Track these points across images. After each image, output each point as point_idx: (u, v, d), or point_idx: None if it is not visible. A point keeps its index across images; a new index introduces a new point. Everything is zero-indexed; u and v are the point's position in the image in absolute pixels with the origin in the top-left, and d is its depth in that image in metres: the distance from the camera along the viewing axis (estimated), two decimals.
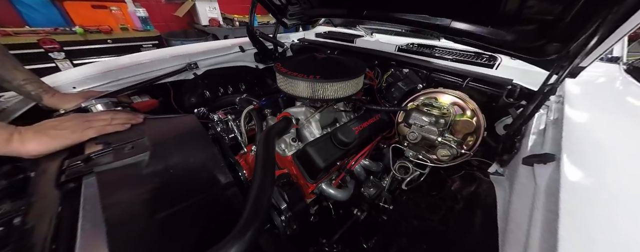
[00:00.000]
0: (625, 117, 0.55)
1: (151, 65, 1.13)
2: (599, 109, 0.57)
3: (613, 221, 0.32)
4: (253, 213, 0.42)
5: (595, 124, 0.52)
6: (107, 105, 0.74)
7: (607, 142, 0.46)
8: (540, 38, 0.57)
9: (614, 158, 0.42)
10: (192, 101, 1.27)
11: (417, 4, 0.78)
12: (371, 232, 0.77)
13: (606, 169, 0.40)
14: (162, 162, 0.52)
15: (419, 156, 0.76)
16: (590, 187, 0.36)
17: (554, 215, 0.32)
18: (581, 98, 0.62)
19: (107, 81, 1.02)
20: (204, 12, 2.95)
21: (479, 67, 0.92)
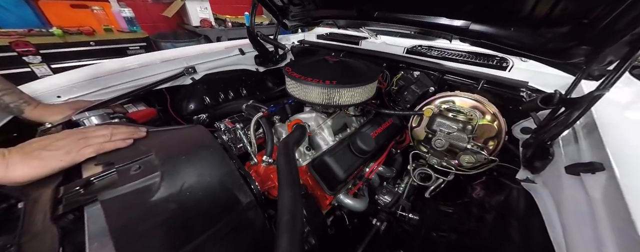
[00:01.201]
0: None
1: (145, 71, 1.04)
2: (625, 113, 0.56)
3: None
4: (290, 243, 0.37)
5: (629, 128, 0.50)
6: (102, 117, 0.65)
7: None
8: (569, 40, 0.56)
9: None
10: (191, 108, 1.18)
11: (433, 6, 0.75)
12: (397, 245, 0.74)
13: None
14: (176, 183, 0.45)
15: (443, 163, 0.74)
16: None
17: (630, 234, 0.29)
18: (604, 102, 0.60)
19: (96, 89, 0.92)
20: (195, 13, 2.83)
21: (491, 70, 0.92)
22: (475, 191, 0.77)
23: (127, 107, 0.93)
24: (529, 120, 0.78)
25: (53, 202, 0.40)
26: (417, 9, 0.80)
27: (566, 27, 0.54)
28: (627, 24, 0.46)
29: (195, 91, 1.21)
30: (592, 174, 0.43)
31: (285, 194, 0.47)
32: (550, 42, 0.59)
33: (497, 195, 0.65)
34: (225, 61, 1.31)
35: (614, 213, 0.35)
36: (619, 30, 0.48)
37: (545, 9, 0.54)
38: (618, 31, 0.48)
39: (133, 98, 0.96)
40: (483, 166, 0.69)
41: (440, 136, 0.66)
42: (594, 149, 0.48)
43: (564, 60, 0.62)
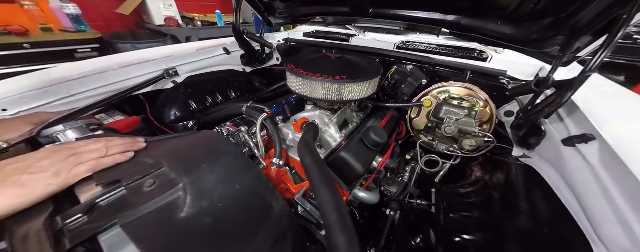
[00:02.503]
0: (615, 98, 0.66)
1: (118, 74, 0.90)
2: (592, 95, 0.66)
3: None
4: (348, 240, 0.36)
5: (599, 106, 0.60)
6: (81, 130, 0.54)
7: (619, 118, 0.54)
8: (549, 32, 0.64)
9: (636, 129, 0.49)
10: (175, 115, 1.06)
11: (428, 2, 0.80)
12: (414, 231, 0.77)
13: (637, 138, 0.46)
14: (204, 195, 0.40)
15: (450, 148, 0.79)
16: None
17: (634, 183, 0.35)
18: None
19: (55, 98, 0.77)
20: (157, 10, 2.54)
21: (473, 61, 1.01)
22: (475, 172, 0.84)
23: (100, 118, 0.79)
24: (512, 104, 0.88)
25: (52, 236, 0.31)
26: (412, 5, 0.84)
27: (547, 20, 0.62)
28: (595, 17, 0.55)
29: (178, 96, 1.09)
30: (586, 143, 0.51)
31: (324, 193, 0.45)
32: (534, 34, 0.68)
33: (498, 173, 0.72)
34: (209, 62, 1.21)
35: (615, 172, 0.42)
36: (588, 23, 0.57)
37: (530, 4, 0.61)
38: (587, 24, 0.57)
39: (106, 107, 0.82)
40: (482, 148, 0.76)
41: (449, 122, 0.71)
42: (579, 124, 0.57)
43: (543, 49, 0.71)
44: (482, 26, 0.77)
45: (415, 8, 0.84)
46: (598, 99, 0.63)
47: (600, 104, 0.61)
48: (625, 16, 0.46)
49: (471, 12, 0.75)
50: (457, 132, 0.73)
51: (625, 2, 0.47)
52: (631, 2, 0.45)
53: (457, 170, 0.94)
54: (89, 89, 0.82)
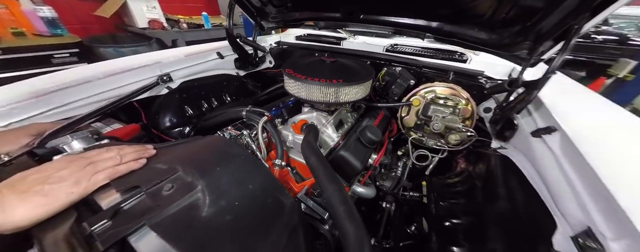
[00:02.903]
0: (573, 94, 0.76)
1: (111, 82, 0.89)
2: (556, 92, 0.76)
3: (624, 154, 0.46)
4: (357, 228, 0.41)
5: (561, 102, 0.70)
6: (86, 140, 0.55)
7: (576, 112, 0.64)
8: (518, 37, 0.73)
9: (590, 122, 0.58)
10: (171, 121, 1.06)
11: (414, 10, 0.87)
12: (409, 220, 0.84)
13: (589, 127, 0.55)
14: (221, 195, 0.43)
15: (438, 143, 0.87)
16: (593, 141, 0.50)
17: (585, 165, 0.44)
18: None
19: (48, 108, 0.75)
20: (140, 12, 2.46)
21: (455, 62, 1.10)
22: (459, 164, 0.93)
23: (97, 126, 0.79)
24: (489, 101, 0.98)
25: (83, 240, 0.34)
26: (399, 12, 0.91)
27: (516, 27, 0.71)
28: (553, 26, 0.65)
29: (173, 101, 1.09)
30: (550, 134, 0.59)
31: (331, 188, 0.50)
32: (505, 39, 0.76)
33: (480, 163, 0.81)
34: (203, 66, 1.21)
35: (569, 155, 0.50)
36: (549, 31, 0.66)
37: (502, 14, 0.70)
38: (548, 31, 0.66)
39: (102, 115, 0.81)
40: (465, 142, 0.84)
41: (436, 120, 0.78)
42: (544, 118, 0.66)
43: (513, 52, 0.80)
44: (462, 32, 0.85)
45: (402, 15, 0.91)
46: (558, 94, 0.73)
47: (560, 99, 0.71)
48: (576, 26, 0.55)
49: (452, 20, 0.83)
50: (444, 128, 0.81)
51: (576, 15, 0.56)
52: (580, 15, 0.54)
53: (443, 162, 1.02)
54: (82, 98, 0.81)
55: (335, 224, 0.44)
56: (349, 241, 0.40)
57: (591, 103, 0.74)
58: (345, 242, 0.41)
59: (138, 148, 0.52)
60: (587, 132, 0.53)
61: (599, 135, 0.53)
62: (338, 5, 0.99)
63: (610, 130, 0.58)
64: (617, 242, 0.35)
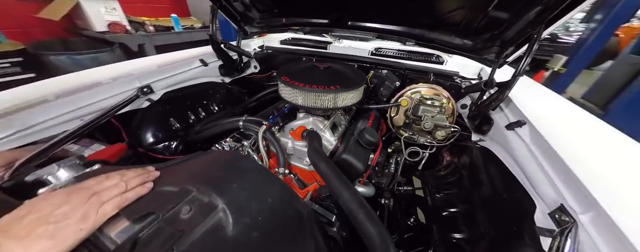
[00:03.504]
0: (531, 90, 0.89)
1: (82, 98, 0.80)
2: (519, 88, 0.88)
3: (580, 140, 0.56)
4: (378, 226, 0.44)
5: (526, 99, 0.81)
6: (75, 167, 0.49)
7: (537, 106, 0.76)
8: (488, 43, 0.84)
9: (550, 115, 0.69)
10: (156, 136, 0.98)
11: (398, 18, 0.94)
12: (408, 213, 0.90)
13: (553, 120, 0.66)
14: (244, 212, 0.43)
15: (428, 139, 0.95)
16: (555, 131, 0.60)
17: (551, 152, 0.53)
18: None
19: (8, 133, 0.65)
20: (97, 14, 2.20)
21: (433, 64, 1.21)
22: (446, 157, 1.02)
23: (76, 150, 0.70)
24: (465, 99, 1.10)
25: None
26: (385, 19, 0.97)
27: (486, 35, 0.81)
28: (516, 34, 0.76)
29: (156, 114, 1.02)
30: (520, 127, 0.70)
31: (346, 194, 0.52)
32: (477, 44, 0.87)
33: (464, 155, 0.91)
34: (186, 75, 1.15)
35: (538, 144, 0.60)
36: (512, 38, 0.77)
37: (474, 23, 0.79)
38: (512, 38, 0.77)
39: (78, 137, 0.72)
40: (450, 137, 0.94)
41: (427, 119, 0.86)
42: (514, 113, 0.76)
43: (483, 55, 0.92)
44: (441, 38, 0.94)
45: (388, 22, 0.97)
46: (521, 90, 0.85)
47: (523, 95, 0.83)
48: (535, 35, 0.65)
49: (432, 27, 0.91)
50: (433, 126, 0.89)
51: (535, 26, 0.66)
52: (538, 26, 0.64)
53: (431, 157, 1.12)
54: (51, 117, 0.72)
55: (358, 228, 0.47)
56: (374, 243, 0.43)
57: (546, 97, 0.89)
58: (370, 243, 0.44)
59: (140, 171, 0.48)
60: (549, 124, 0.64)
61: (558, 125, 0.64)
62: (326, 11, 1.02)
63: (565, 120, 0.70)
64: (585, 214, 0.43)
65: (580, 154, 0.52)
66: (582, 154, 0.52)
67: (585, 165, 0.48)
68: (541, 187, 0.55)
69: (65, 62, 1.91)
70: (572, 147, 0.54)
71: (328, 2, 0.94)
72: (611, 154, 0.55)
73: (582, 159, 0.50)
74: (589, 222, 0.42)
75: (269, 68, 1.62)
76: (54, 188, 0.43)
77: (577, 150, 0.53)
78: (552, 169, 0.54)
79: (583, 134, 0.63)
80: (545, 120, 0.65)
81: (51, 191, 0.40)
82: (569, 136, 0.59)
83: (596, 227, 0.41)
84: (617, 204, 0.40)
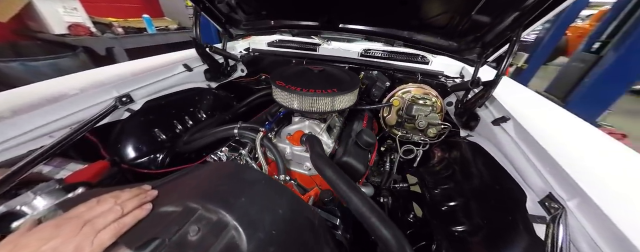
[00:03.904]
0: (508, 87, 0.97)
1: (51, 111, 0.71)
2: (499, 88, 0.95)
3: (560, 132, 0.62)
4: (391, 228, 0.44)
5: (506, 95, 0.88)
6: (54, 193, 0.43)
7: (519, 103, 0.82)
8: (471, 44, 0.90)
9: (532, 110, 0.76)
10: (140, 149, 0.90)
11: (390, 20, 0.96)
12: (406, 209, 0.93)
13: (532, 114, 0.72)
14: (257, 228, 0.41)
15: (422, 138, 0.98)
16: (536, 124, 0.66)
17: (536, 145, 0.58)
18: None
19: None
20: (55, 15, 1.96)
21: (419, 65, 1.27)
22: (437, 153, 1.08)
23: (48, 172, 0.62)
24: (450, 96, 1.16)
25: None
26: (375, 22, 0.99)
27: (470, 37, 0.87)
28: (496, 36, 0.82)
29: (138, 126, 0.94)
30: (505, 122, 0.75)
31: (356, 199, 0.53)
32: (462, 45, 0.92)
33: (454, 151, 0.96)
34: (169, 82, 1.07)
35: (524, 138, 0.66)
36: (492, 40, 0.83)
37: (458, 27, 0.84)
38: (492, 41, 0.83)
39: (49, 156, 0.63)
40: (441, 134, 0.99)
41: (421, 118, 0.89)
42: (498, 110, 0.83)
43: (466, 56, 0.98)
44: (428, 39, 0.99)
45: (377, 24, 0.99)
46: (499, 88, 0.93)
47: (503, 92, 0.90)
48: (514, 38, 0.71)
49: (420, 29, 0.95)
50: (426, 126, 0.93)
51: (513, 29, 0.72)
52: (516, 29, 0.70)
53: (423, 154, 1.17)
54: (14, 136, 0.62)
55: (372, 232, 0.47)
56: (390, 245, 0.43)
57: (521, 93, 0.97)
58: (386, 246, 0.44)
59: (136, 191, 0.44)
60: (530, 118, 0.70)
61: (538, 119, 0.71)
62: (316, 14, 1.01)
63: (542, 114, 0.77)
64: (571, 201, 0.48)
65: (561, 146, 0.57)
66: (562, 145, 0.58)
67: (567, 155, 0.54)
68: (530, 177, 0.60)
69: (18, 70, 1.68)
70: (554, 139, 0.60)
71: (319, 4, 0.94)
72: (586, 144, 0.61)
73: (563, 150, 0.55)
74: (576, 207, 0.47)
75: (256, 71, 1.57)
76: (34, 220, 0.38)
77: (558, 142, 0.59)
78: (538, 160, 0.60)
79: (560, 126, 0.70)
80: (526, 115, 0.71)
81: (33, 224, 0.35)
82: (548, 128, 0.65)
83: (582, 212, 0.46)
84: (599, 189, 0.45)
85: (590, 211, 0.44)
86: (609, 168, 0.52)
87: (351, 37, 1.28)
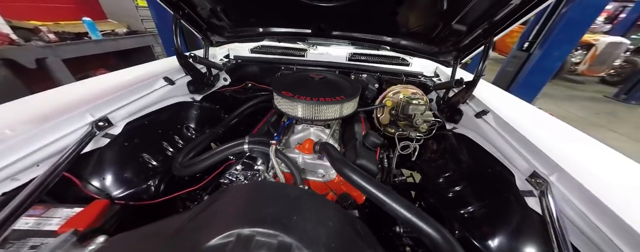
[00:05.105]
0: (486, 86, 1.14)
1: (15, 147, 0.56)
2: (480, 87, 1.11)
3: (530, 119, 0.77)
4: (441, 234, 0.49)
5: (484, 92, 1.03)
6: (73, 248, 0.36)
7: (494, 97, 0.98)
8: (450, 48, 1.03)
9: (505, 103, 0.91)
10: (127, 180, 0.79)
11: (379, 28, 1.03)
12: (411, 201, 1.02)
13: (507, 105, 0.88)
14: (317, 244, 0.41)
15: (418, 134, 1.08)
16: (510, 114, 0.80)
17: (516, 133, 0.71)
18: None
19: None
20: None
21: (402, 67, 1.39)
22: (430, 146, 1.20)
23: (31, 224, 0.49)
24: (432, 94, 1.31)
25: None
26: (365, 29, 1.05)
27: (450, 42, 0.99)
28: (470, 42, 0.96)
29: (122, 153, 0.81)
30: (485, 115, 0.89)
31: (389, 200, 0.56)
32: (441, 50, 1.05)
33: (444, 142, 1.09)
34: (150, 98, 0.95)
35: (503, 127, 0.79)
36: (468, 45, 0.97)
37: (440, 34, 0.96)
38: (467, 45, 0.97)
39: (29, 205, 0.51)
40: (432, 129, 1.11)
41: (418, 117, 0.98)
42: (477, 104, 0.97)
43: (443, 59, 1.11)
44: (412, 44, 1.09)
45: (368, 31, 1.05)
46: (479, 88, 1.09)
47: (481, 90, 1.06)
48: (487, 44, 0.84)
49: (406, 36, 1.05)
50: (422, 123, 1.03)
51: (486, 36, 0.86)
52: (489, 36, 0.83)
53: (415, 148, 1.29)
54: None
55: (414, 230, 0.52)
56: (437, 241, 0.48)
57: (489, 88, 1.15)
58: (432, 242, 0.49)
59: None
60: (504, 109, 0.85)
61: (510, 110, 0.86)
62: (309, 21, 1.02)
63: (511, 105, 0.93)
64: (552, 175, 0.61)
65: (534, 130, 0.71)
66: (535, 129, 0.72)
67: (540, 136, 0.67)
68: (515, 159, 0.73)
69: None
70: (527, 125, 0.74)
71: (313, 13, 0.95)
72: (547, 127, 0.77)
73: (536, 132, 0.69)
74: (557, 180, 0.60)
75: (240, 79, 1.49)
76: None
77: (531, 127, 0.73)
78: (517, 144, 0.73)
79: (526, 115, 0.86)
80: (498, 107, 0.86)
81: None
82: (518, 117, 0.80)
83: (562, 183, 0.58)
84: (570, 163, 0.58)
85: (568, 181, 0.57)
86: (569, 145, 0.67)
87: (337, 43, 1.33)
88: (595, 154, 0.68)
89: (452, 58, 1.09)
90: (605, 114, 4.26)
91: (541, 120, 0.85)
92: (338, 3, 0.84)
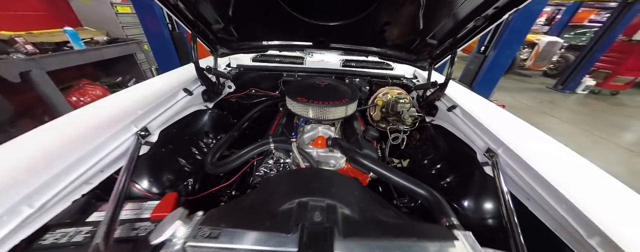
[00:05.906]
0: (454, 86, 1.42)
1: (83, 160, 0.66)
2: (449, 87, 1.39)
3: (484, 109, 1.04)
4: (432, 194, 0.71)
5: (453, 91, 1.31)
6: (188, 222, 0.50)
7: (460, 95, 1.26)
8: (426, 55, 1.28)
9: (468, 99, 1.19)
10: (170, 180, 0.90)
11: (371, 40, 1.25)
12: None
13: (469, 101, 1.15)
14: (353, 204, 0.60)
15: (405, 127, 1.33)
16: (472, 107, 1.07)
17: (476, 121, 0.98)
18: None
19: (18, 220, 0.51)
20: None
21: (386, 71, 1.63)
22: (415, 136, 1.46)
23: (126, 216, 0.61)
24: (412, 93, 1.57)
25: None
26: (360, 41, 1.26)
27: (425, 52, 1.24)
28: (441, 52, 1.22)
29: (162, 158, 0.92)
30: (455, 109, 1.16)
31: (392, 174, 0.77)
32: (419, 57, 1.30)
33: (424, 132, 1.35)
34: (175, 108, 1.05)
35: (467, 118, 1.06)
36: (439, 54, 1.23)
37: (418, 46, 1.20)
38: (439, 54, 1.23)
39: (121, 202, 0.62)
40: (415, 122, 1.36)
41: (405, 114, 1.22)
42: (449, 101, 1.24)
43: (420, 65, 1.37)
44: (396, 53, 1.33)
45: (360, 44, 1.26)
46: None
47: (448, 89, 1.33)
48: (453, 54, 1.10)
49: (391, 47, 1.28)
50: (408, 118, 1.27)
51: (452, 48, 1.12)
52: (454, 48, 1.09)
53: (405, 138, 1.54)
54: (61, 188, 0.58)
55: (412, 194, 0.73)
56: (428, 198, 0.70)
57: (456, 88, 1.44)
58: (426, 200, 0.71)
59: None
60: (467, 104, 1.12)
61: (471, 104, 1.13)
62: (312, 36, 1.20)
63: (473, 101, 1.21)
64: (499, 149, 0.87)
65: (485, 117, 0.98)
66: (487, 118, 0.99)
67: (490, 122, 0.94)
68: (476, 140, 0.99)
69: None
70: (482, 113, 1.01)
71: (316, 31, 1.13)
72: (499, 116, 1.05)
73: (487, 119, 0.96)
74: (502, 153, 0.86)
75: (244, 86, 1.62)
76: None
77: (485, 117, 1.00)
78: (476, 128, 0.99)
79: (483, 107, 1.14)
80: (463, 102, 1.13)
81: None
82: (477, 108, 1.08)
83: (506, 155, 0.84)
84: (512, 140, 0.84)
85: (509, 153, 0.83)
86: (511, 127, 0.95)
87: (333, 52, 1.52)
88: (528, 133, 0.96)
89: (427, 64, 1.35)
90: (547, 102, 5.07)
91: (493, 111, 1.13)
92: (339, 23, 1.03)
